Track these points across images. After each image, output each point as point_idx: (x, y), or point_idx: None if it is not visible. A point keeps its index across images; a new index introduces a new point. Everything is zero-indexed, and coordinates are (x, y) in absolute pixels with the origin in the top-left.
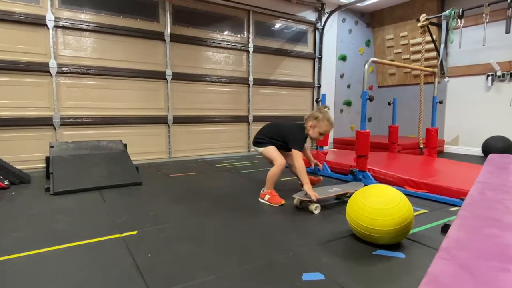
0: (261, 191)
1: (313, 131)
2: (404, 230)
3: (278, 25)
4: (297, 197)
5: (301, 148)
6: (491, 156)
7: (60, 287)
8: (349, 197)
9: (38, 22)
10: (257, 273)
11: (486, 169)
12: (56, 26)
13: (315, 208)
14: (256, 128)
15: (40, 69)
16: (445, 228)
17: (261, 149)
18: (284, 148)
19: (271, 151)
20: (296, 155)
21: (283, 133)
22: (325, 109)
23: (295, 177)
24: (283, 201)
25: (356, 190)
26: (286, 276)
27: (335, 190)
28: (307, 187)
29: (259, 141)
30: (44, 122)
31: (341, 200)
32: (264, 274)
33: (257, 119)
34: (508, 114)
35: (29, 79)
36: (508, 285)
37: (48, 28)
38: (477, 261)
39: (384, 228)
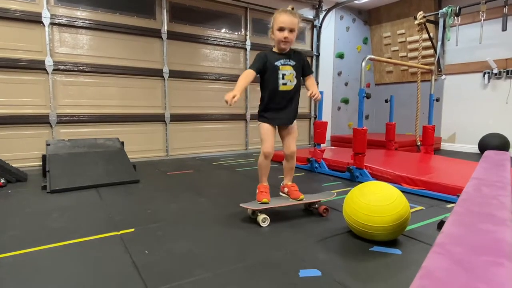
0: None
1: (274, 37)
2: (400, 226)
3: None
4: (245, 206)
5: (252, 65)
6: (487, 153)
7: (57, 285)
8: (316, 208)
9: (34, 19)
10: (254, 270)
11: (482, 166)
12: (52, 24)
13: (263, 220)
14: (253, 126)
15: (36, 66)
16: (441, 225)
17: (258, 122)
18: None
19: (262, 129)
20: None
21: None
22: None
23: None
24: (265, 199)
25: (323, 199)
26: (283, 272)
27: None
28: (228, 93)
29: (259, 106)
30: (40, 120)
31: (313, 212)
32: (261, 271)
33: (254, 117)
34: (504, 112)
35: (25, 77)
36: (502, 279)
37: (44, 25)
38: (471, 255)
39: (381, 225)
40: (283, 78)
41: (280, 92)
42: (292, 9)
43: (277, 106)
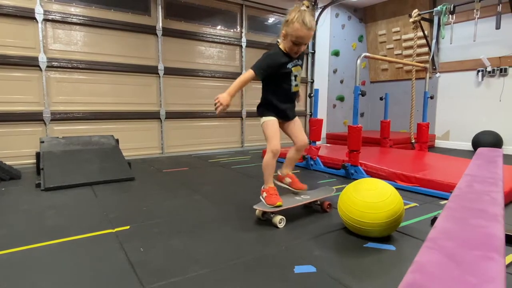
0: (262, 187)
1: (285, 42)
2: (394, 223)
3: (271, 19)
4: (258, 208)
5: (254, 66)
6: (480, 150)
7: (52, 282)
8: (319, 205)
9: (27, 15)
10: (249, 266)
11: (475, 163)
12: (46, 20)
13: (279, 221)
14: (249, 123)
15: (30, 63)
16: (434, 221)
17: (261, 120)
18: (284, 115)
19: (268, 126)
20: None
21: None
22: (302, 7)
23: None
24: (279, 202)
25: (327, 196)
26: (278, 268)
27: (304, 198)
28: (222, 96)
29: (259, 104)
30: (34, 118)
31: (311, 208)
32: (257, 267)
33: (250, 114)
34: (498, 109)
35: (18, 74)
36: (492, 273)
37: (37, 21)
38: (462, 250)
39: (375, 221)
40: (295, 79)
41: (292, 93)
42: (307, 7)
43: (284, 105)
